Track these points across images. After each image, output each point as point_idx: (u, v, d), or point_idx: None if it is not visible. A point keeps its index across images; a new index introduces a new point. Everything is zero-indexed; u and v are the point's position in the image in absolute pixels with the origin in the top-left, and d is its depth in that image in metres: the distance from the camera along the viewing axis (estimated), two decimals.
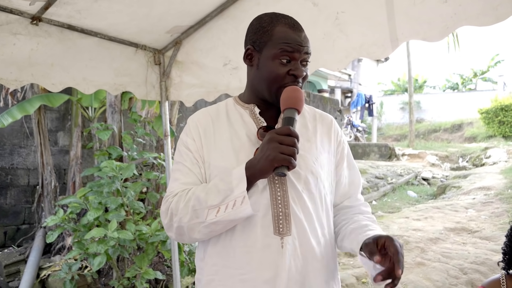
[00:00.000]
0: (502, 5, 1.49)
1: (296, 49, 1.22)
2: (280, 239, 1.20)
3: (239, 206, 1.14)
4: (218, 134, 1.31)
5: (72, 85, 2.53)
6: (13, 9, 2.01)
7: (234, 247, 1.23)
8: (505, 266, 1.50)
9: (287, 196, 1.23)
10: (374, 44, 1.92)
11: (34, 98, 4.63)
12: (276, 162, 1.09)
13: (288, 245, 1.20)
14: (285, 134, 1.10)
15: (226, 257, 1.24)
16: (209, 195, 1.18)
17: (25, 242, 5.53)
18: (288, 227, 1.21)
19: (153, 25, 2.42)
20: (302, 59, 1.25)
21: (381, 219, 7.10)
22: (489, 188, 8.82)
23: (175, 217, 1.22)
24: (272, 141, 1.11)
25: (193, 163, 1.30)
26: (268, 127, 1.29)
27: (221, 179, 1.20)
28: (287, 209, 1.22)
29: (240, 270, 1.22)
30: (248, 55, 1.31)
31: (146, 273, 3.28)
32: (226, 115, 1.36)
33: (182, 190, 1.26)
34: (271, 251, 1.19)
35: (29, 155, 5.82)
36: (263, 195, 1.22)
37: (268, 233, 1.20)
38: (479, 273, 4.31)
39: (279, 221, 1.21)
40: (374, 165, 12.87)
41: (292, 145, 1.09)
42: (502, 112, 19.00)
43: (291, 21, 1.26)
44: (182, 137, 1.37)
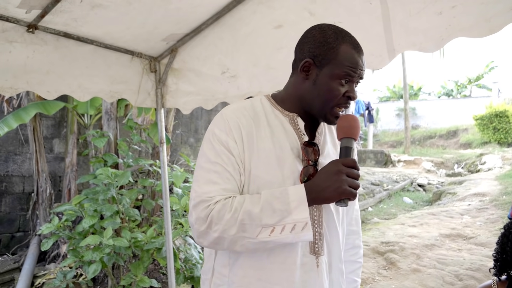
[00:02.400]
0: (495, 18, 1.51)
1: (358, 74, 1.23)
2: (315, 258, 1.22)
3: (300, 231, 1.10)
4: (261, 141, 1.23)
5: (67, 93, 2.53)
6: (9, 17, 2.02)
7: (272, 263, 1.20)
8: (497, 273, 1.51)
9: (321, 216, 1.24)
10: (372, 54, 1.94)
11: (30, 106, 4.62)
12: (344, 195, 1.10)
13: (322, 264, 1.22)
14: (351, 167, 1.12)
15: (261, 271, 1.21)
16: (263, 212, 1.11)
17: (19, 250, 5.49)
18: (322, 247, 1.23)
19: (149, 33, 2.42)
20: (357, 81, 1.26)
21: (377, 225, 7.11)
22: (484, 194, 8.85)
23: (216, 226, 1.14)
24: (341, 173, 1.11)
25: (235, 169, 1.20)
26: (311, 143, 1.27)
27: (276, 197, 1.13)
28: (321, 229, 1.24)
29: (277, 285, 1.20)
30: (305, 68, 1.25)
31: (141, 281, 3.27)
32: (265, 118, 1.28)
33: (224, 198, 1.16)
34: (306, 270, 1.21)
35: (24, 162, 5.80)
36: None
37: (305, 252, 1.21)
38: (474, 279, 4.32)
39: (315, 240, 1.22)
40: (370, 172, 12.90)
41: (357, 178, 1.12)
42: (496, 119, 19.11)
43: (355, 41, 1.25)
44: (219, 135, 1.22)
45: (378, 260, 5.21)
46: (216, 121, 1.26)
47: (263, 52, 2.32)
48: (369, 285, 4.46)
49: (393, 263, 5.04)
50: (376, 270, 4.89)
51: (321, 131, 1.34)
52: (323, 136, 1.34)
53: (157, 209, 4.83)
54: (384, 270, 4.87)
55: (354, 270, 1.45)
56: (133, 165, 4.09)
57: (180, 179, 3.84)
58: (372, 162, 15.76)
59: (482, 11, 1.54)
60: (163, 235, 3.45)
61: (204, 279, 1.34)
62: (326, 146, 1.33)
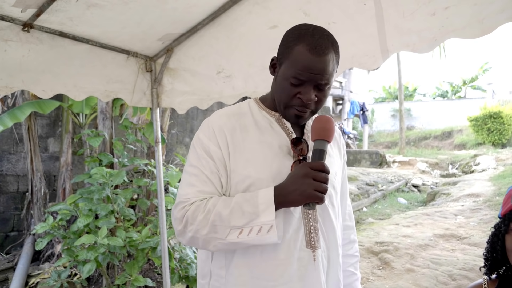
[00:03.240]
0: (488, 19, 1.53)
1: (307, 77, 1.17)
2: (312, 252, 1.23)
3: (265, 233, 1.13)
4: (248, 142, 1.26)
5: (63, 92, 2.53)
6: (4, 15, 2.01)
7: (265, 260, 1.22)
8: (487, 272, 1.53)
9: (316, 210, 1.25)
10: (365, 55, 1.95)
11: (25, 105, 4.61)
12: (310, 199, 1.09)
13: (319, 257, 1.24)
14: (319, 170, 1.10)
15: (255, 268, 1.23)
16: (232, 214, 1.15)
17: (13, 249, 5.47)
18: (318, 240, 1.25)
19: (144, 32, 2.43)
20: (317, 84, 1.19)
21: (372, 225, 7.14)
22: (478, 195, 8.91)
23: (191, 226, 1.19)
24: (307, 176, 1.10)
25: (213, 173, 1.24)
26: (299, 139, 1.27)
27: (246, 200, 1.16)
28: (316, 222, 1.26)
29: (272, 282, 1.21)
30: (273, 65, 1.30)
31: (136, 280, 3.26)
32: (253, 119, 1.32)
33: (200, 199, 1.21)
34: (303, 264, 1.22)
35: (19, 161, 5.78)
36: (295, 209, 1.23)
37: (301, 247, 1.22)
38: (467, 279, 4.35)
39: (311, 234, 1.24)
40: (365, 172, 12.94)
41: (325, 182, 1.10)
42: (491, 120, 19.24)
43: (315, 42, 1.17)
44: (203, 139, 1.27)
45: (372, 260, 5.24)
46: (202, 127, 1.31)
47: (258, 52, 2.33)
48: (363, 285, 4.48)
49: (387, 263, 5.06)
50: (370, 270, 4.91)
51: (308, 128, 1.35)
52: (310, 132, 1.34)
53: (152, 208, 4.83)
54: (378, 270, 4.90)
55: (352, 264, 1.49)
56: (128, 164, 4.09)
57: (175, 179, 3.84)
58: (367, 163, 15.82)
59: (475, 12, 1.57)
60: (158, 235, 3.45)
61: (203, 284, 1.34)
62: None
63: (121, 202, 3.58)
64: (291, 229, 1.22)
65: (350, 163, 15.69)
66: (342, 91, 21.70)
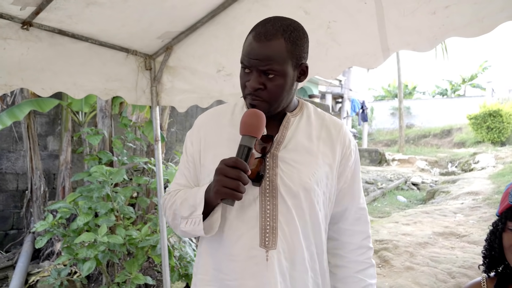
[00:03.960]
0: (488, 18, 1.53)
1: (248, 62, 1.19)
2: (265, 252, 1.21)
3: (196, 226, 1.21)
4: (220, 138, 1.31)
5: (62, 90, 2.52)
6: (3, 13, 2.00)
7: (223, 253, 1.25)
8: (485, 270, 1.53)
9: (276, 210, 1.23)
10: (366, 53, 1.95)
11: (24, 103, 4.60)
12: (220, 195, 1.11)
13: (272, 258, 1.21)
14: (231, 166, 1.09)
15: (214, 259, 1.29)
16: (182, 205, 1.27)
17: (13, 247, 5.47)
18: (274, 241, 1.22)
19: (144, 30, 2.42)
20: (262, 70, 1.18)
21: (371, 224, 7.11)
22: (477, 193, 8.92)
23: (166, 213, 1.37)
24: (217, 173, 1.12)
25: (185, 167, 1.39)
26: (268, 136, 1.26)
27: (193, 194, 1.26)
28: (275, 223, 1.22)
29: (226, 276, 1.24)
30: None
31: (136, 278, 3.27)
32: (231, 116, 1.35)
33: (174, 190, 1.37)
34: (256, 262, 1.21)
35: (18, 159, 5.77)
36: (252, 208, 1.23)
37: (254, 245, 1.21)
38: (467, 277, 4.36)
39: (266, 234, 1.22)
40: (365, 170, 12.95)
41: (236, 178, 1.08)
42: (490, 118, 19.25)
43: (260, 30, 1.19)
44: (187, 137, 1.42)
45: None
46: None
47: None
48: None
49: (387, 261, 5.07)
50: None
51: (288, 125, 1.31)
52: (292, 129, 1.31)
53: (152, 206, 4.83)
54: (377, 268, 4.90)
55: (361, 270, 1.37)
56: (127, 162, 4.08)
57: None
58: (367, 161, 15.83)
59: (475, 11, 1.56)
60: (157, 233, 3.45)
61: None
62: (294, 140, 1.30)
63: (121, 200, 3.58)
64: (244, 227, 1.23)
65: None
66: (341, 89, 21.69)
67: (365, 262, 1.39)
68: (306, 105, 1.40)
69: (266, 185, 1.23)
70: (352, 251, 1.38)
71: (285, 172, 1.25)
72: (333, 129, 1.35)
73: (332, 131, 1.35)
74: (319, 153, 1.30)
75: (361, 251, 1.39)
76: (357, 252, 1.38)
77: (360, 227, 1.40)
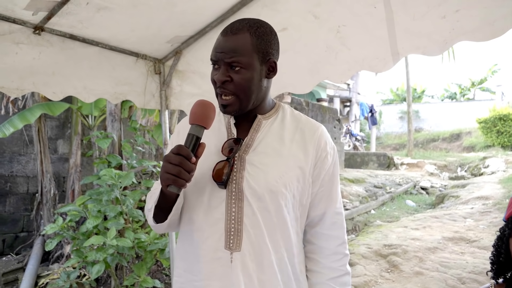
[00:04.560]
0: (498, 21, 1.51)
1: (214, 55, 1.25)
2: (230, 253, 1.22)
3: (150, 218, 1.29)
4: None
5: (72, 94, 2.55)
6: (16, 19, 2.03)
7: (192, 254, 1.28)
8: (494, 276, 1.51)
9: (241, 212, 1.23)
10: (376, 57, 1.94)
11: (35, 107, 4.65)
12: (164, 182, 1.11)
13: (237, 260, 1.22)
14: (174, 153, 1.10)
15: (185, 262, 1.31)
16: (149, 199, 1.35)
17: (23, 250, 5.52)
18: (238, 243, 1.22)
19: (153, 35, 2.44)
20: (228, 63, 1.22)
21: (380, 228, 7.10)
22: (487, 198, 8.83)
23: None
24: (164, 159, 1.13)
25: None
26: (237, 139, 1.28)
27: (155, 188, 1.33)
28: (239, 225, 1.23)
29: (194, 277, 1.27)
30: None
31: (144, 282, 3.28)
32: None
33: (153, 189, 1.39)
34: (221, 264, 1.23)
35: (29, 162, 5.83)
36: (218, 210, 1.24)
37: (219, 247, 1.23)
38: (477, 283, 4.32)
39: (230, 236, 1.23)
40: (373, 174, 12.89)
41: (178, 164, 1.08)
42: (500, 122, 19.08)
43: (228, 26, 1.26)
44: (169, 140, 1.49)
45: (380, 263, 5.21)
46: None
47: None
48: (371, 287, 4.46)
49: (396, 266, 5.04)
50: (378, 272, 4.89)
51: (258, 128, 1.32)
52: (262, 132, 1.31)
53: None
54: (386, 273, 4.87)
55: (335, 278, 1.33)
56: (136, 166, 4.11)
57: None
58: (375, 165, 15.76)
59: (486, 15, 1.55)
60: (166, 236, 3.46)
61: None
62: (263, 142, 1.30)
63: (130, 203, 3.59)
64: (209, 229, 1.24)
65: (358, 165, 15.65)
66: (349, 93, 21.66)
67: (339, 269, 1.35)
68: (283, 107, 1.40)
69: (232, 188, 1.24)
70: (327, 256, 1.35)
71: (251, 174, 1.25)
72: (308, 132, 1.34)
73: (306, 134, 1.34)
74: (289, 155, 1.28)
75: (336, 257, 1.35)
76: (332, 258, 1.35)
77: (336, 232, 1.37)
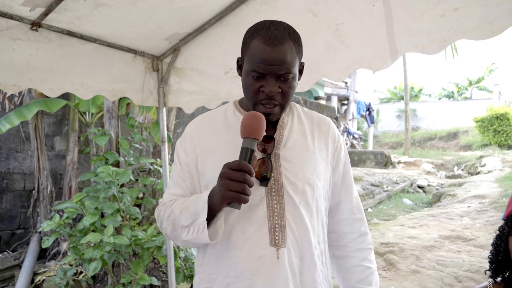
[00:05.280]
0: (497, 20, 1.52)
1: (265, 69, 1.19)
2: (276, 250, 1.22)
3: (201, 233, 1.19)
4: (217, 143, 1.32)
5: (70, 91, 2.54)
6: (13, 15, 2.02)
7: (230, 257, 1.25)
8: (492, 275, 1.51)
9: (283, 208, 1.24)
10: (374, 56, 1.94)
11: (32, 103, 4.63)
12: (225, 200, 1.09)
13: (283, 256, 1.22)
14: (236, 169, 1.08)
15: (222, 266, 1.27)
16: (182, 215, 1.24)
17: (20, 247, 5.51)
18: (283, 239, 1.23)
19: (152, 32, 2.43)
20: (278, 75, 1.20)
21: (377, 226, 7.12)
22: (484, 197, 8.86)
23: (163, 225, 1.33)
24: (222, 177, 1.10)
25: (180, 176, 1.36)
26: (268, 136, 1.29)
27: (193, 201, 1.24)
28: (283, 221, 1.23)
29: (236, 279, 1.24)
30: (239, 66, 1.35)
31: (141, 279, 3.27)
32: (224, 121, 1.37)
33: (169, 200, 1.34)
34: (266, 262, 1.21)
35: (26, 159, 5.81)
36: (260, 208, 1.24)
37: (264, 245, 1.22)
38: (473, 281, 4.33)
39: (275, 232, 1.22)
40: (370, 173, 12.90)
41: (242, 181, 1.07)
42: (497, 121, 19.12)
43: (270, 34, 1.19)
44: (178, 146, 1.40)
45: (377, 261, 5.21)
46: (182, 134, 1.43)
47: None
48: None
49: (393, 264, 5.05)
50: None
51: (284, 125, 1.34)
52: (287, 129, 1.34)
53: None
54: (383, 271, 4.88)
55: (365, 257, 1.44)
56: (134, 163, 4.09)
57: None
58: (372, 163, 15.77)
59: (485, 14, 1.55)
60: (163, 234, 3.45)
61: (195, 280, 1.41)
62: (291, 138, 1.33)
63: (127, 200, 3.59)
64: (252, 228, 1.23)
65: (355, 163, 15.65)
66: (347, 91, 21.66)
67: (367, 248, 1.45)
68: (294, 105, 1.44)
69: (271, 185, 1.25)
70: (354, 240, 1.44)
71: (288, 170, 1.27)
72: (323, 126, 1.41)
73: (322, 128, 1.41)
74: (315, 149, 1.34)
75: (362, 238, 1.45)
76: (359, 239, 1.44)
77: (358, 214, 1.47)
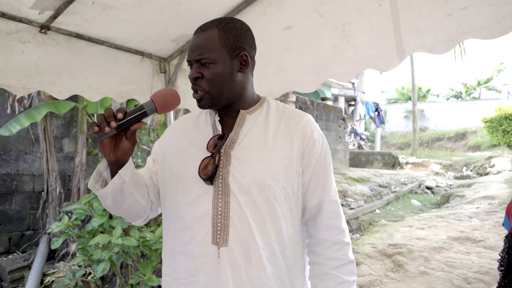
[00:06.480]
0: (506, 19, 1.50)
1: (189, 56, 1.28)
2: (217, 249, 1.23)
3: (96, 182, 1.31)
4: (183, 141, 1.38)
5: (78, 93, 2.56)
6: (22, 18, 2.04)
7: (177, 253, 1.29)
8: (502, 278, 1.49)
9: (228, 207, 1.24)
10: (381, 56, 1.93)
11: (41, 106, 4.67)
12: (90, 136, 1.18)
13: (224, 255, 1.22)
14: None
15: (172, 261, 1.31)
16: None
17: (29, 248, 5.55)
18: (225, 238, 1.22)
19: (159, 34, 2.44)
20: (198, 60, 1.26)
21: (385, 227, 7.08)
22: (493, 197, 8.78)
23: None
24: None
25: (148, 163, 1.45)
26: (222, 135, 1.30)
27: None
28: (226, 220, 1.23)
29: (182, 274, 1.28)
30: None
31: (149, 280, 3.29)
32: (195, 120, 1.43)
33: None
34: (208, 260, 1.23)
35: (35, 161, 5.86)
36: (205, 206, 1.25)
37: (207, 243, 1.23)
38: (483, 283, 4.29)
39: (217, 231, 1.23)
40: (378, 174, 12.85)
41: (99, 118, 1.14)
42: (506, 121, 18.93)
43: (201, 26, 1.30)
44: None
45: (386, 262, 5.19)
46: None
47: (273, 53, 2.33)
48: (376, 287, 4.45)
49: (401, 265, 5.02)
50: (383, 272, 4.87)
51: (242, 123, 1.33)
52: (247, 127, 1.33)
53: None
54: (392, 273, 4.86)
55: (337, 267, 1.31)
56: (142, 165, 4.11)
57: None
58: (380, 164, 15.70)
59: (493, 13, 1.54)
60: None
61: None
62: (248, 137, 1.31)
63: None
64: (198, 226, 1.25)
65: (363, 164, 15.60)
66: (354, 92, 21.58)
67: (341, 258, 1.33)
68: (268, 101, 1.41)
69: (219, 183, 1.25)
70: (328, 247, 1.33)
71: (237, 169, 1.26)
72: (292, 122, 1.35)
73: (290, 124, 1.34)
74: (274, 147, 1.29)
75: (336, 247, 1.33)
76: (333, 248, 1.33)
77: (334, 221, 1.35)
